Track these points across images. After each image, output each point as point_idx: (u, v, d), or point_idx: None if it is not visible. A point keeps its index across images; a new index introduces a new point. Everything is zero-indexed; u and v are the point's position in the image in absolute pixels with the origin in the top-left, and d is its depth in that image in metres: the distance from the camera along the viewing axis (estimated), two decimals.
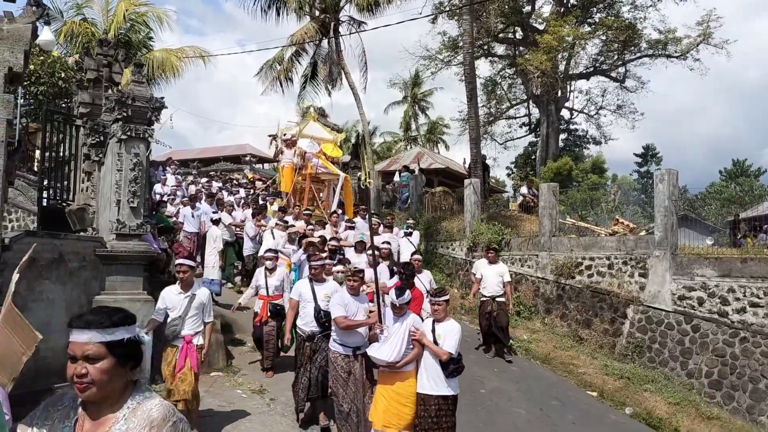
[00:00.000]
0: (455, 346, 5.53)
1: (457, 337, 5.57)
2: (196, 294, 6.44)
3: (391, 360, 5.60)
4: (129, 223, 8.07)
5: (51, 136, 10.64)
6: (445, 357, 5.45)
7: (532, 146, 34.19)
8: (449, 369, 5.49)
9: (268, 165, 38.02)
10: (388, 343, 5.67)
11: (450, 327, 5.68)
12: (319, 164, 16.17)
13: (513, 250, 14.88)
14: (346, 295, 6.42)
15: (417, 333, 5.65)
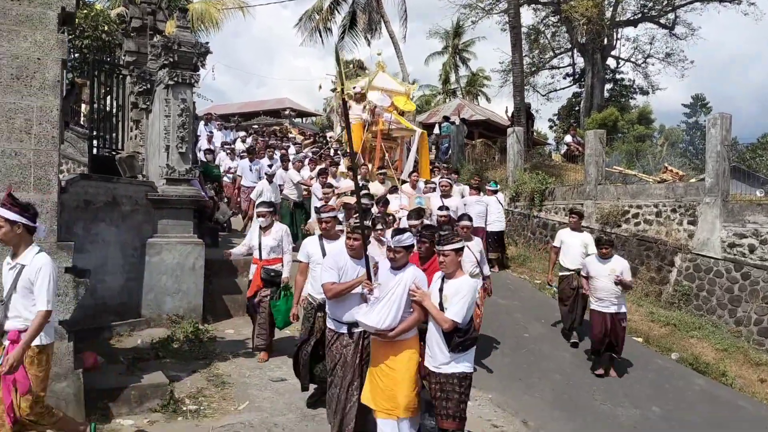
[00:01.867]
0: (462, 313, 4.37)
1: (468, 299, 4.40)
2: None
3: (381, 327, 4.50)
4: (178, 168, 8.23)
5: (98, 87, 10.84)
6: (446, 326, 4.35)
7: (575, 97, 33.35)
8: (452, 342, 4.38)
9: (308, 119, 38.08)
10: (379, 306, 4.56)
11: (459, 286, 4.47)
12: (392, 119, 14.25)
13: (557, 199, 14.68)
14: (342, 257, 5.05)
15: (417, 292, 4.50)
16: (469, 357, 4.52)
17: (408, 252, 4.68)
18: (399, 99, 14.90)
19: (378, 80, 15.41)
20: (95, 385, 5.51)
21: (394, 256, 4.63)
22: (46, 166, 5.14)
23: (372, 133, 14.29)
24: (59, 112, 5.28)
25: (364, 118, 14.29)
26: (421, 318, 4.58)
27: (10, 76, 5.06)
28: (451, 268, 4.53)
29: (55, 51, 5.21)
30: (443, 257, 4.53)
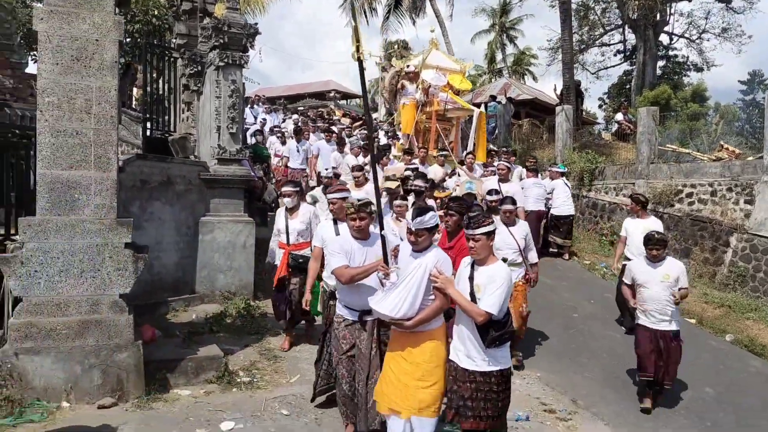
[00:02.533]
0: (498, 304, 3.86)
1: (504, 288, 3.90)
2: None
3: (396, 315, 3.99)
4: (229, 148, 8.39)
5: (150, 71, 11.07)
6: (481, 319, 3.84)
7: (626, 75, 32.40)
8: (488, 337, 3.89)
9: (352, 101, 38.12)
10: (395, 292, 4.05)
11: (493, 273, 3.96)
12: (448, 99, 13.39)
13: (607, 179, 14.40)
14: (347, 240, 4.72)
15: (439, 278, 3.96)
16: (505, 352, 4.06)
17: (431, 234, 4.18)
18: (454, 77, 13.99)
19: (431, 58, 14.44)
20: (154, 356, 5.72)
21: (415, 239, 4.12)
22: (105, 144, 5.32)
23: (426, 114, 13.58)
24: (117, 92, 5.44)
25: (417, 99, 13.57)
26: (443, 306, 4.07)
27: (70, 58, 5.22)
28: (482, 254, 4.01)
29: (113, 32, 5.35)
30: (473, 242, 4.00)
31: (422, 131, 13.87)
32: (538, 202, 11.05)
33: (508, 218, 6.91)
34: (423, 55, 14.76)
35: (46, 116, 5.14)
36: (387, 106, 29.28)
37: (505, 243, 6.75)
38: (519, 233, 6.91)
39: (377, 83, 33.18)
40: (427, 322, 4.06)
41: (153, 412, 5.18)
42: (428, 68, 13.88)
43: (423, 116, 13.62)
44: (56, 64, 5.17)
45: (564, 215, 11.42)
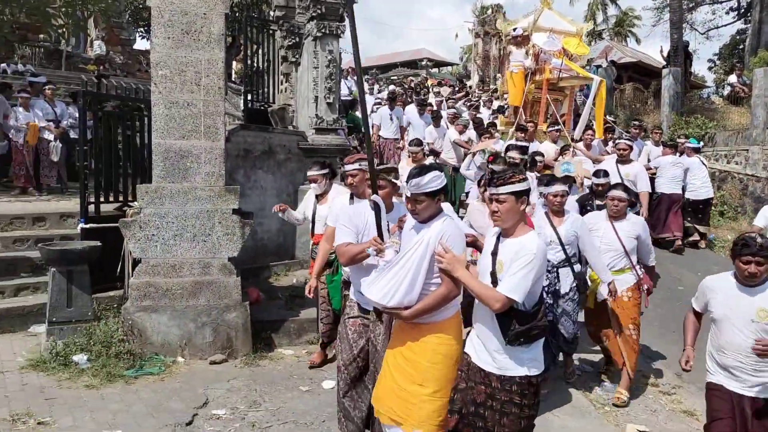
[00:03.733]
0: (522, 287, 2.94)
1: (534, 267, 2.95)
2: None
3: (388, 303, 3.18)
4: (326, 117, 8.56)
5: (250, 43, 11.40)
6: (497, 306, 2.94)
7: (740, 34, 30.06)
8: (510, 331, 2.99)
9: (444, 69, 37.71)
10: (388, 274, 3.23)
11: (520, 247, 3.02)
12: (562, 66, 11.63)
13: (717, 145, 13.56)
14: (362, 214, 3.86)
15: (444, 257, 3.09)
16: (536, 352, 3.12)
17: (435, 200, 3.25)
18: (569, 41, 11.97)
19: (543, 19, 12.37)
20: (259, 317, 6.02)
21: (413, 207, 3.25)
22: (213, 115, 5.57)
23: (535, 83, 11.97)
24: (224, 65, 5.67)
25: (526, 66, 11.94)
26: (451, 293, 3.21)
27: (180, 32, 5.48)
28: (508, 221, 3.09)
29: (219, 5, 5.56)
30: (497, 204, 3.10)
31: (531, 103, 12.27)
32: (673, 184, 9.77)
33: (616, 210, 5.38)
34: (533, 15, 12.74)
35: (159, 88, 5.44)
36: (480, 74, 28.79)
37: (606, 243, 5.38)
38: (627, 231, 5.38)
39: (470, 50, 32.67)
40: (429, 312, 3.21)
41: (260, 369, 5.48)
42: (539, 31, 12.07)
43: (532, 86, 12.01)
44: (168, 38, 5.44)
45: (702, 199, 10.15)
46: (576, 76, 11.98)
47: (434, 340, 3.27)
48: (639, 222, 5.53)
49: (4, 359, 5.40)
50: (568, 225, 5.20)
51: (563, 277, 5.17)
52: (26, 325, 6.06)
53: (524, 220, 3.20)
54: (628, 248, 5.36)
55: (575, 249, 5.23)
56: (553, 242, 5.13)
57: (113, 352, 5.30)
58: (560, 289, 5.15)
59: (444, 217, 3.30)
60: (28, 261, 6.70)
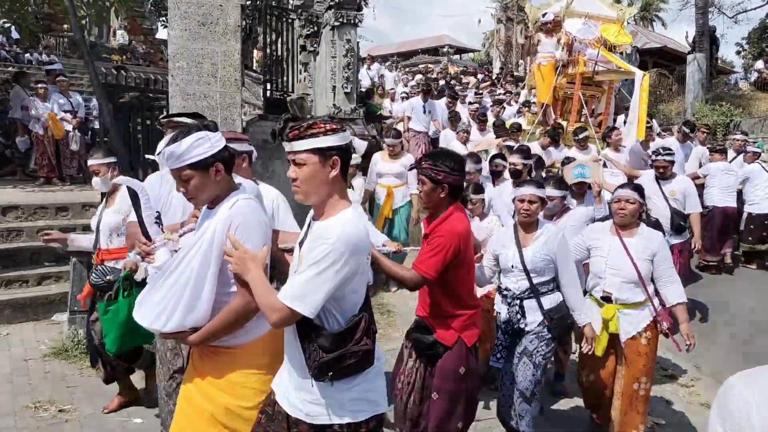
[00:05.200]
0: (313, 292, 2.05)
1: (330, 263, 2.04)
2: None
3: (165, 327, 2.33)
4: (344, 107, 8.56)
5: (269, 32, 11.43)
6: (274, 317, 2.11)
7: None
8: (314, 361, 2.09)
9: (466, 55, 37.41)
10: (164, 286, 2.33)
11: (318, 234, 2.11)
12: (599, 58, 10.13)
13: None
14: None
15: (233, 254, 2.24)
16: (361, 389, 2.20)
17: (207, 171, 2.33)
18: (608, 28, 10.11)
19: (578, 3, 10.59)
20: None
21: (184, 188, 2.37)
22: (230, 107, 5.60)
23: (568, 77, 10.47)
24: (240, 56, 5.69)
25: (557, 57, 10.42)
26: (251, 305, 2.27)
27: (197, 23, 5.50)
28: (311, 194, 2.19)
29: None
30: (295, 168, 2.23)
31: (561, 99, 10.73)
32: (726, 195, 8.19)
33: (623, 215, 4.15)
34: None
35: (177, 80, 5.48)
36: (502, 60, 28.53)
37: (613, 266, 4.13)
38: (641, 248, 4.10)
39: (492, 35, 32.36)
40: (226, 332, 2.37)
41: None
42: (573, 16, 10.38)
43: (564, 80, 10.49)
44: (184, 30, 5.46)
45: (764, 213, 8.39)
46: (615, 69, 10.37)
47: (237, 374, 2.44)
48: (656, 237, 4.18)
49: (28, 347, 5.54)
50: (538, 245, 3.85)
51: (530, 311, 3.86)
52: (50, 313, 6.21)
53: (339, 193, 2.22)
54: (643, 272, 4.06)
55: (551, 275, 3.89)
56: (515, 267, 3.89)
57: None
58: (525, 327, 3.86)
59: (235, 198, 2.38)
60: (51, 250, 6.83)
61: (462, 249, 3.12)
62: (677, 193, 6.46)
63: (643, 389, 4.13)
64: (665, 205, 6.44)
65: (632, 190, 4.18)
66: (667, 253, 4.14)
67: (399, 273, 3.08)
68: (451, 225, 3.10)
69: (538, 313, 3.83)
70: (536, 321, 3.83)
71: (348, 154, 2.24)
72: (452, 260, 3.08)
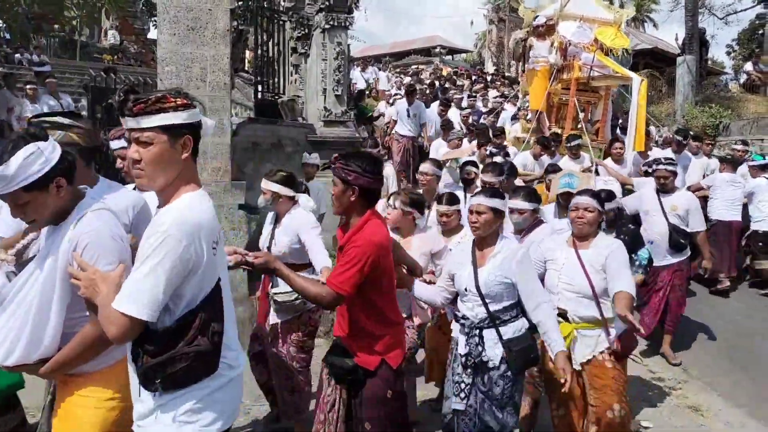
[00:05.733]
0: (144, 290, 1.83)
1: (162, 255, 1.83)
2: None
3: (8, 361, 2.08)
4: (334, 110, 8.58)
5: (261, 34, 11.43)
6: (112, 330, 1.86)
7: (759, 19, 29.56)
8: (139, 367, 1.93)
9: (458, 56, 37.49)
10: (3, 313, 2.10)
11: (153, 225, 1.92)
12: (594, 62, 9.53)
13: (732, 134, 13.39)
14: None
15: (80, 276, 1.99)
16: (194, 400, 1.95)
17: (43, 189, 2.05)
18: (604, 31, 9.55)
19: (574, 4, 9.94)
20: None
21: (19, 213, 2.09)
22: (220, 111, 5.61)
23: (562, 82, 9.86)
24: (229, 60, 5.70)
25: (551, 62, 9.85)
26: (98, 333, 2.00)
27: (186, 28, 5.51)
28: (155, 178, 1.96)
29: (224, 1, 5.59)
30: (136, 147, 1.95)
31: (556, 106, 10.13)
32: (731, 209, 7.82)
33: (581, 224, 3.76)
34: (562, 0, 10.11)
35: (165, 84, 5.49)
36: (494, 60, 28.64)
37: (566, 281, 3.72)
38: (596, 259, 3.66)
39: (484, 36, 32.48)
40: (79, 361, 2.13)
41: None
42: (568, 19, 9.76)
43: (558, 86, 9.87)
44: (173, 34, 5.48)
45: None
46: (611, 74, 9.73)
47: (80, 400, 2.19)
48: (611, 245, 3.71)
49: None
50: (494, 265, 3.33)
51: (491, 343, 3.30)
52: None
53: (188, 178, 2.03)
54: (597, 286, 3.61)
55: (511, 299, 3.35)
56: (470, 290, 3.36)
57: None
58: (488, 361, 3.29)
59: (80, 214, 2.09)
60: None
61: (381, 260, 2.80)
62: (679, 209, 5.93)
63: (619, 416, 3.63)
64: (664, 221, 5.92)
65: (591, 197, 3.78)
66: (620, 255, 3.65)
67: (311, 290, 2.71)
68: (367, 234, 2.76)
69: (500, 345, 3.29)
70: (499, 355, 3.28)
71: (199, 134, 2.01)
72: (370, 273, 2.74)
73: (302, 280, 2.75)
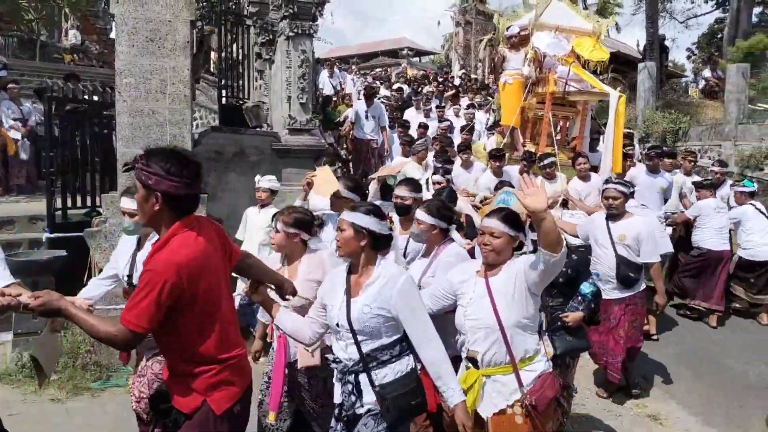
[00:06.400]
0: None
1: None
2: None
3: None
4: (299, 118, 8.52)
5: (226, 38, 11.30)
6: None
7: (718, 23, 30.38)
8: None
9: (427, 58, 37.60)
10: None
11: None
12: (570, 76, 8.67)
13: (691, 140, 13.70)
14: None
15: None
16: None
17: None
18: (582, 43, 8.80)
19: (549, 13, 9.19)
20: None
21: None
22: (180, 123, 5.54)
23: (538, 96, 9.10)
24: (190, 72, 5.63)
25: (525, 74, 9.06)
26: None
27: (145, 39, 5.42)
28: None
29: (184, 12, 5.51)
30: None
31: (531, 122, 9.41)
32: (721, 237, 7.42)
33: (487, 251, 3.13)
34: (537, 8, 9.40)
35: (124, 96, 5.39)
36: (461, 62, 28.78)
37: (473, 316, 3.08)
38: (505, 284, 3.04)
39: (451, 38, 32.63)
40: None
41: None
42: (543, 29, 9.01)
43: (533, 100, 9.15)
44: (132, 46, 5.38)
45: (759, 261, 7.40)
46: (588, 89, 8.86)
47: None
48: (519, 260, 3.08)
49: None
50: (369, 294, 2.79)
51: (368, 389, 2.79)
52: None
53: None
54: (505, 320, 2.96)
55: (392, 335, 2.82)
56: (342, 326, 2.81)
57: (80, 363, 5.29)
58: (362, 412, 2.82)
59: None
60: None
61: (188, 284, 2.30)
62: (627, 238, 5.23)
63: None
64: (611, 251, 5.26)
65: (500, 220, 3.09)
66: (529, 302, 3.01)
67: (101, 330, 2.23)
68: (166, 254, 2.30)
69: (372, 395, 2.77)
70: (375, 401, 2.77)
71: None
72: (174, 302, 2.28)
73: (92, 319, 2.27)
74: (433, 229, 3.74)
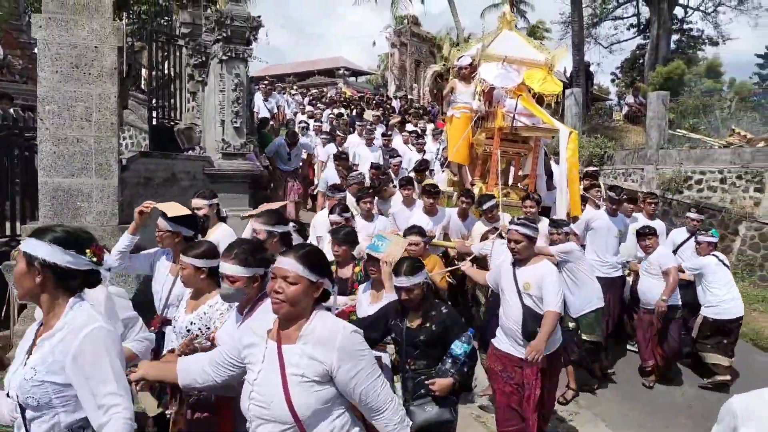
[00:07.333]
0: None
1: None
2: None
3: None
4: (233, 142, 8.38)
5: (156, 57, 11.03)
6: None
7: (640, 49, 31.93)
8: None
9: (363, 78, 37.86)
10: None
11: None
12: (520, 109, 8.06)
13: (616, 164, 14.29)
14: None
15: None
16: None
17: None
18: (533, 75, 8.14)
19: (499, 44, 8.53)
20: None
21: None
22: (106, 152, 5.34)
23: (487, 132, 8.51)
24: (117, 99, 5.45)
25: (474, 108, 8.65)
26: None
27: (69, 65, 5.23)
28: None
29: (111, 38, 5.34)
30: None
31: (482, 158, 8.81)
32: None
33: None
34: (485, 39, 8.95)
35: (46, 124, 5.17)
36: (397, 83, 29.11)
37: (260, 397, 2.20)
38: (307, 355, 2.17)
39: (386, 58, 32.98)
40: None
41: None
42: (492, 60, 8.25)
43: (482, 135, 8.59)
44: (56, 72, 5.18)
45: (728, 319, 6.68)
46: (537, 125, 8.28)
47: None
48: (334, 329, 2.23)
49: None
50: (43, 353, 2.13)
51: None
52: None
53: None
54: (300, 409, 2.12)
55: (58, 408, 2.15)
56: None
57: None
58: None
59: None
60: None
61: None
62: (532, 286, 4.40)
63: None
64: (517, 302, 4.42)
65: (296, 260, 2.23)
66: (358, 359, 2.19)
67: None
68: None
69: None
70: None
71: None
72: None
73: None
74: (252, 282, 2.84)
